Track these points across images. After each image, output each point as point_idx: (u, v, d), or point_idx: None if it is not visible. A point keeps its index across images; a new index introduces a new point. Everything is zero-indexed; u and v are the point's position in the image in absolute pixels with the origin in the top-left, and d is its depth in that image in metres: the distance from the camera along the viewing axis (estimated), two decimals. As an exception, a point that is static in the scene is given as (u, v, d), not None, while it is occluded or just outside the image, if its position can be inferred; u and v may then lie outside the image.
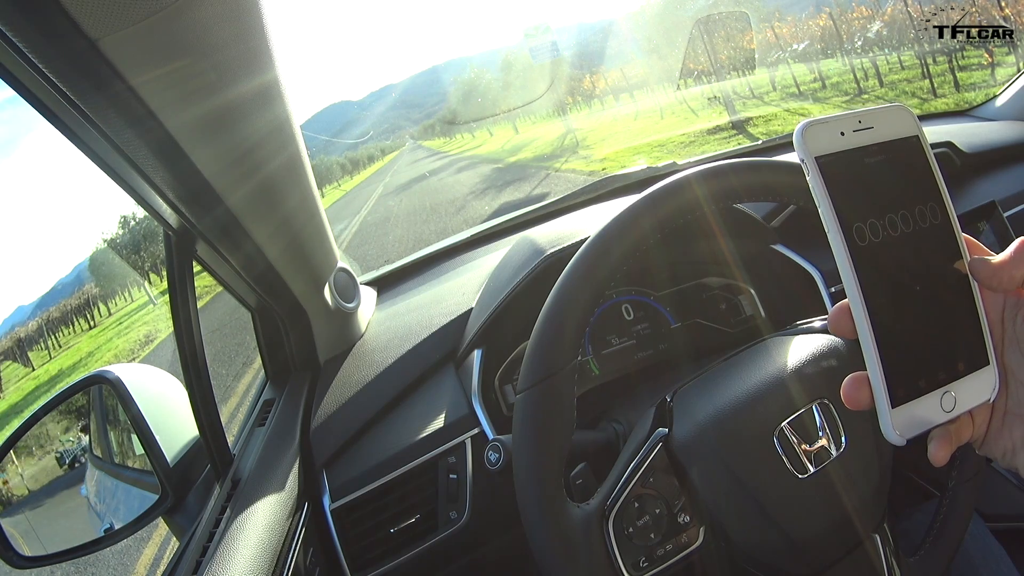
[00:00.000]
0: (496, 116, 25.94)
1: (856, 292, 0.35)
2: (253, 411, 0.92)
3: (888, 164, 0.37)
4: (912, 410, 0.35)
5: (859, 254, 0.35)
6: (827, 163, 0.36)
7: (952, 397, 0.36)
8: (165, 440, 0.77)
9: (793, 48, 12.48)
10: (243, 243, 0.71)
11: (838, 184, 0.36)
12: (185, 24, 0.42)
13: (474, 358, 0.87)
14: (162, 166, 0.55)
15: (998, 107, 1.50)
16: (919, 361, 0.36)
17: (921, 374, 0.36)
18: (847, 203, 0.36)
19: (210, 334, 6.85)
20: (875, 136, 0.37)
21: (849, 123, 0.37)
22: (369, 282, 1.24)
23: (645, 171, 1.36)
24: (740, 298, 1.01)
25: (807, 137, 0.36)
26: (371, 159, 67.34)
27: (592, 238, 0.57)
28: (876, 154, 0.37)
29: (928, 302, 0.36)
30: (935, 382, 0.36)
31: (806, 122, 0.36)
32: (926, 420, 0.36)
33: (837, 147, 0.36)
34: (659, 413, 0.61)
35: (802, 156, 0.36)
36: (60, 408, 0.80)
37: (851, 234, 0.35)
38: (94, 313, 20.49)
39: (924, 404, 0.35)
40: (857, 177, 0.36)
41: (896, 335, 0.35)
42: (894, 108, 0.38)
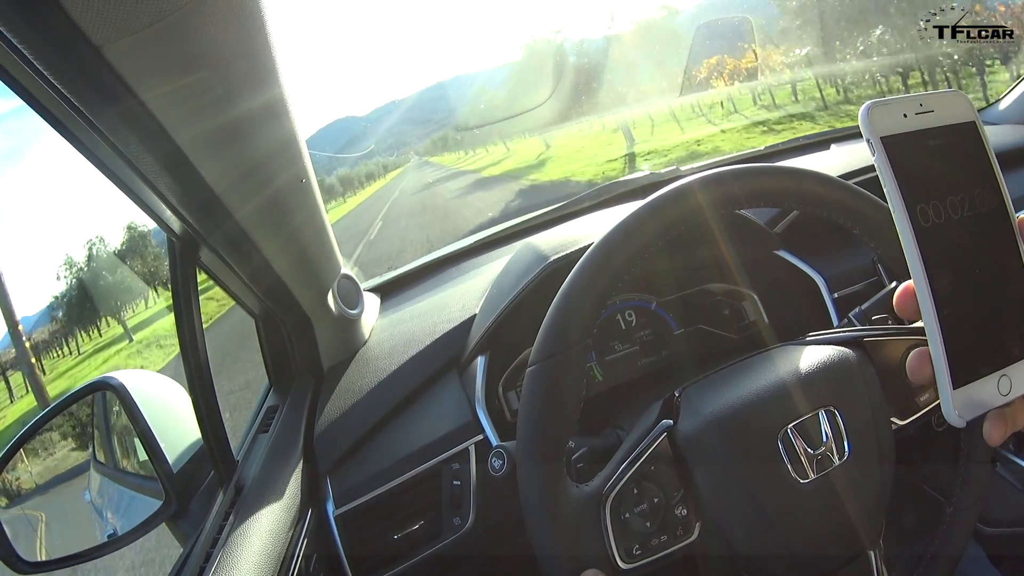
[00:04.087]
0: (514, 124, 25.20)
1: (921, 273, 0.36)
2: (256, 418, 0.92)
3: (948, 148, 0.38)
4: (971, 392, 0.36)
5: (923, 235, 0.36)
6: (891, 143, 0.37)
7: (1008, 380, 0.37)
8: (169, 446, 0.77)
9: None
10: (250, 253, 0.72)
11: (902, 164, 0.36)
12: (188, 34, 0.43)
13: (478, 364, 0.87)
14: (169, 177, 0.55)
15: (1001, 111, 1.49)
16: (978, 344, 0.37)
17: (980, 357, 0.37)
18: (911, 184, 0.36)
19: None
20: (935, 120, 0.38)
21: (911, 106, 0.37)
22: (372, 289, 1.24)
23: (647, 177, 1.36)
24: (743, 304, 1.01)
25: (872, 117, 0.37)
26: (370, 177, 60.08)
27: (595, 244, 0.57)
28: (937, 137, 0.38)
29: (986, 286, 0.37)
30: (993, 365, 0.37)
31: (871, 103, 0.37)
32: (984, 402, 0.36)
33: (900, 128, 0.37)
34: (666, 406, 0.61)
35: (868, 135, 0.37)
36: (64, 414, 0.80)
37: (915, 215, 0.36)
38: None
39: (983, 387, 0.36)
40: (919, 158, 0.37)
41: (958, 318, 0.36)
42: (953, 94, 0.39)
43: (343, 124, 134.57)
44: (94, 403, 0.91)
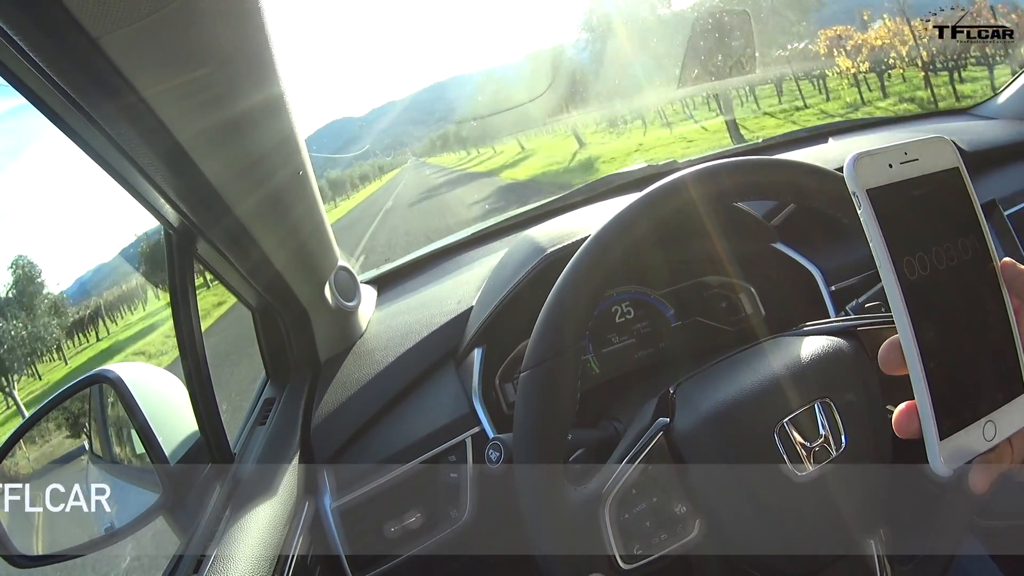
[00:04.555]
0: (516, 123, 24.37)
1: (908, 327, 0.35)
2: (254, 410, 0.92)
3: (933, 196, 0.38)
4: (958, 441, 0.36)
5: (909, 288, 0.36)
6: (877, 196, 0.36)
7: (993, 426, 0.37)
8: (166, 439, 0.77)
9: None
10: (248, 247, 0.71)
11: (888, 217, 0.36)
12: (186, 26, 0.42)
13: (474, 357, 0.87)
14: (168, 171, 0.55)
15: (999, 105, 1.49)
16: (964, 393, 0.37)
17: (966, 406, 0.36)
18: (897, 236, 0.36)
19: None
20: (920, 168, 0.38)
21: (896, 155, 0.37)
22: (369, 281, 1.24)
23: (644, 169, 1.36)
24: (740, 297, 1.01)
25: (859, 169, 0.36)
26: (364, 179, 51.38)
27: (589, 239, 0.57)
28: (922, 186, 0.37)
29: (970, 334, 0.37)
30: (978, 413, 0.37)
31: (856, 154, 0.37)
32: (970, 450, 0.36)
33: (886, 179, 0.37)
34: (662, 403, 0.61)
35: (854, 189, 0.36)
36: (61, 408, 0.80)
37: (901, 268, 0.36)
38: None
39: (968, 435, 0.36)
40: (905, 210, 0.37)
41: (943, 369, 0.36)
42: (936, 140, 0.39)
43: (340, 125, 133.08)
44: (91, 396, 0.91)
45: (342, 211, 27.76)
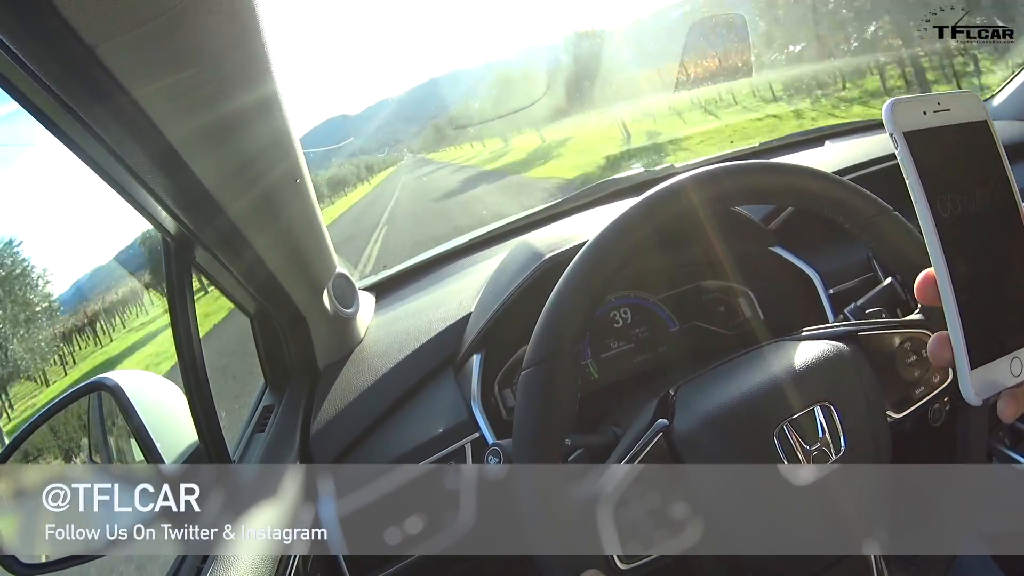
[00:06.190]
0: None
1: (941, 261, 0.38)
2: (252, 417, 0.92)
3: (963, 144, 0.41)
4: (987, 373, 0.39)
5: (943, 225, 0.38)
6: (912, 138, 0.39)
7: (1020, 362, 0.39)
8: (165, 446, 0.77)
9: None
10: (244, 251, 0.71)
11: (923, 158, 0.39)
12: (182, 33, 0.43)
13: (473, 363, 0.87)
14: (162, 175, 0.55)
15: (996, 106, 1.49)
16: (993, 328, 0.39)
17: (995, 340, 0.39)
18: (931, 176, 0.39)
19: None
20: (951, 118, 0.40)
21: (930, 104, 0.40)
22: (367, 287, 1.24)
23: (641, 174, 1.36)
24: (739, 301, 1.01)
25: (896, 113, 0.39)
26: (343, 185, 43.24)
27: (589, 243, 0.57)
28: (953, 134, 0.40)
29: (999, 275, 0.40)
30: (1006, 348, 0.39)
31: (894, 100, 0.40)
32: (998, 383, 0.39)
33: (921, 124, 0.40)
34: (661, 405, 0.61)
35: (891, 130, 0.39)
36: (59, 416, 0.80)
37: (935, 205, 0.38)
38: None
39: (997, 368, 0.39)
40: (938, 153, 0.40)
41: (974, 303, 0.39)
42: (966, 94, 0.42)
43: (335, 123, 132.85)
44: (90, 404, 0.91)
45: (340, 208, 26.46)
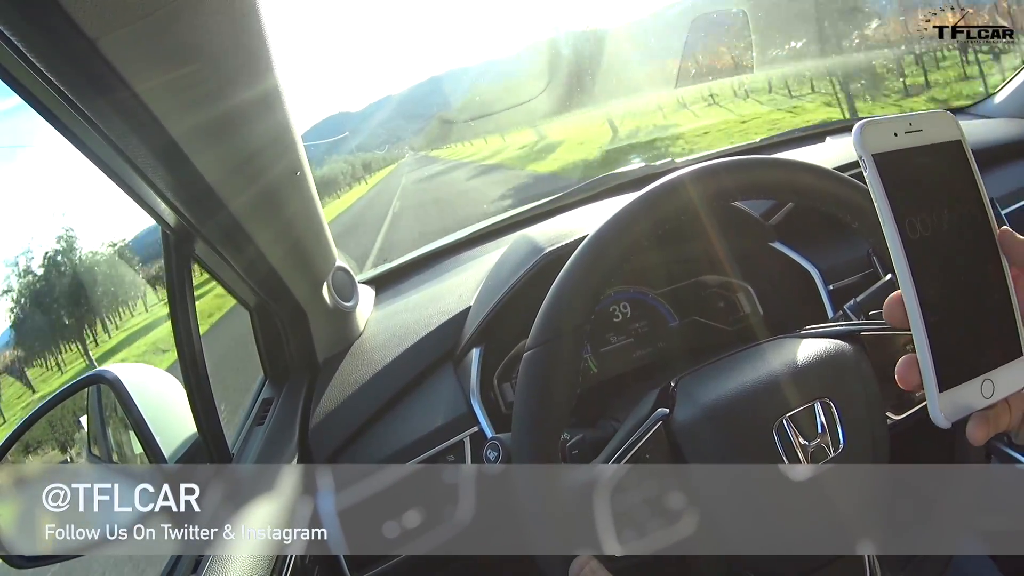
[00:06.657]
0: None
1: (909, 282, 0.38)
2: (252, 410, 0.92)
3: (935, 165, 0.40)
4: (956, 395, 0.38)
5: (911, 246, 0.38)
6: (882, 160, 0.39)
7: (991, 384, 0.39)
8: (164, 440, 0.77)
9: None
10: (244, 245, 0.71)
11: (892, 180, 0.39)
12: (183, 26, 0.43)
13: (472, 357, 0.87)
14: (163, 169, 0.55)
15: (996, 104, 1.49)
16: (963, 349, 0.39)
17: (964, 361, 0.39)
18: (900, 198, 0.38)
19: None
20: (923, 138, 0.40)
21: (901, 125, 0.40)
22: (367, 281, 1.24)
23: (642, 169, 1.36)
24: (738, 296, 1.01)
25: (865, 135, 0.39)
26: (340, 185, 39.48)
27: (589, 237, 0.57)
28: (925, 155, 0.40)
29: (970, 295, 0.39)
30: (976, 369, 0.39)
31: (864, 121, 0.39)
32: (968, 405, 0.38)
33: (891, 146, 0.39)
34: (662, 395, 0.61)
35: (860, 153, 0.39)
36: (59, 408, 0.79)
37: (904, 227, 0.38)
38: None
39: (967, 390, 0.38)
40: (908, 175, 0.39)
41: (944, 325, 0.38)
42: (939, 114, 0.41)
43: (337, 120, 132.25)
44: (89, 397, 0.91)
45: (344, 204, 26.18)
